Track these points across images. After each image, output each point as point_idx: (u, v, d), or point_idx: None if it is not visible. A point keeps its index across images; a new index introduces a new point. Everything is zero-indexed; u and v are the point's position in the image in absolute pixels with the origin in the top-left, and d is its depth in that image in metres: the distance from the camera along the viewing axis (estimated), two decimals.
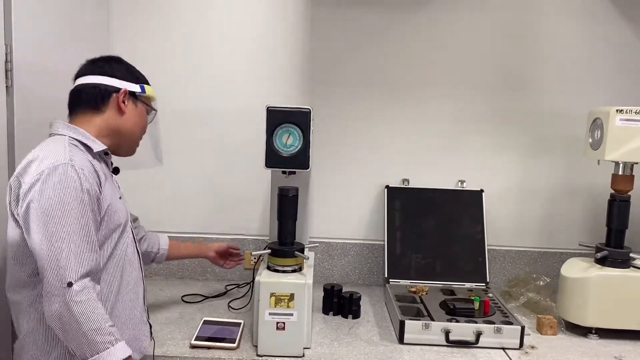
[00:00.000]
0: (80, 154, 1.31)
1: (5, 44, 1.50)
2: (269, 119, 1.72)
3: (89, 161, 1.31)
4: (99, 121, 1.40)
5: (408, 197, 2.24)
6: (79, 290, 1.19)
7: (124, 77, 1.44)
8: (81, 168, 1.26)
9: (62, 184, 1.22)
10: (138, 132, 1.49)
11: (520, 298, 2.07)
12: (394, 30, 2.23)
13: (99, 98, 1.40)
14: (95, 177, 1.30)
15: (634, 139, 1.78)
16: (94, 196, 1.27)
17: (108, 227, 1.34)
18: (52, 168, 1.23)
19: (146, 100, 1.50)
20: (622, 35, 2.22)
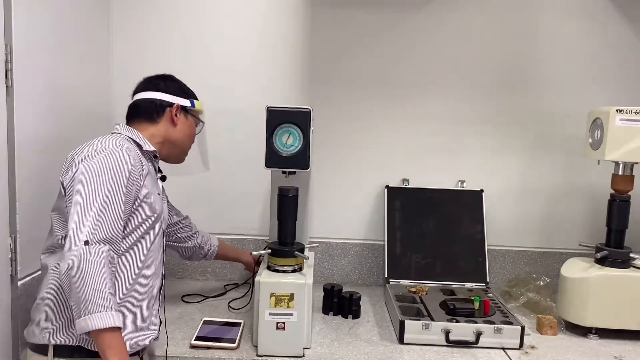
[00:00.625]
0: (131, 146, 1.46)
1: (5, 44, 1.50)
2: (269, 119, 1.72)
3: (137, 152, 1.46)
4: (154, 130, 1.58)
5: (408, 197, 2.24)
6: (93, 250, 1.26)
7: (176, 93, 1.62)
8: (127, 153, 1.40)
9: (107, 159, 1.36)
10: (187, 142, 1.67)
11: (520, 298, 2.07)
12: (394, 30, 2.23)
13: (154, 111, 1.58)
14: (139, 166, 1.43)
15: (634, 139, 1.78)
16: (133, 177, 1.39)
17: (142, 214, 1.43)
18: (103, 148, 1.39)
19: (195, 114, 1.67)
20: (622, 35, 2.22)
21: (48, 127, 1.72)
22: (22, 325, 1.59)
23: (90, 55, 2.04)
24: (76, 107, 1.92)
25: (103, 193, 1.32)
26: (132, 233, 1.41)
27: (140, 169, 1.44)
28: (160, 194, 1.55)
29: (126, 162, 1.39)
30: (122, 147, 1.41)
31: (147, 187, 1.45)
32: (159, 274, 1.53)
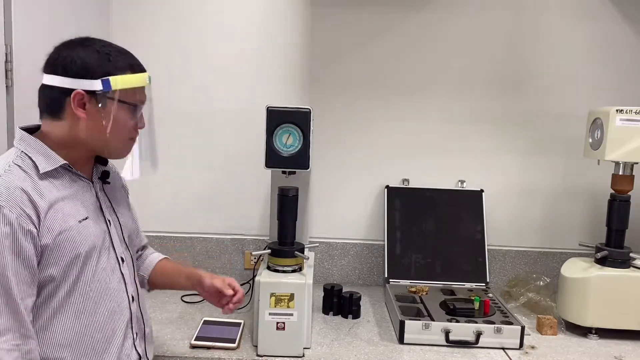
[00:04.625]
0: (15, 180, 1.11)
1: (5, 44, 1.50)
2: (269, 119, 1.72)
3: (19, 188, 1.10)
4: (59, 129, 1.20)
5: (408, 197, 2.24)
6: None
7: (79, 72, 1.16)
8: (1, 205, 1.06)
9: None
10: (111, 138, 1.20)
11: (520, 298, 2.07)
12: (394, 30, 2.23)
13: (53, 104, 1.18)
14: (26, 210, 1.09)
15: (634, 139, 1.78)
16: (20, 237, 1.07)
17: (60, 260, 1.13)
18: None
19: (120, 96, 1.19)
20: (622, 35, 2.22)
21: None
22: None
23: None
24: None
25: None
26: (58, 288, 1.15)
27: (28, 210, 1.09)
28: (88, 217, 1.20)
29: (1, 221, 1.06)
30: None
31: (57, 226, 1.13)
32: (122, 310, 1.27)
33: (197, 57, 2.22)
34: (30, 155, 1.16)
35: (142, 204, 2.28)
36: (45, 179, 1.15)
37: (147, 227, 2.31)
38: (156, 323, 1.84)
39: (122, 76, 1.19)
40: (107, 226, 1.27)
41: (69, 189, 1.20)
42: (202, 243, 2.29)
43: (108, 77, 1.17)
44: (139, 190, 2.28)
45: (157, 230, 2.28)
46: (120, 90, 1.18)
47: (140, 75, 1.23)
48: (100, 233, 1.23)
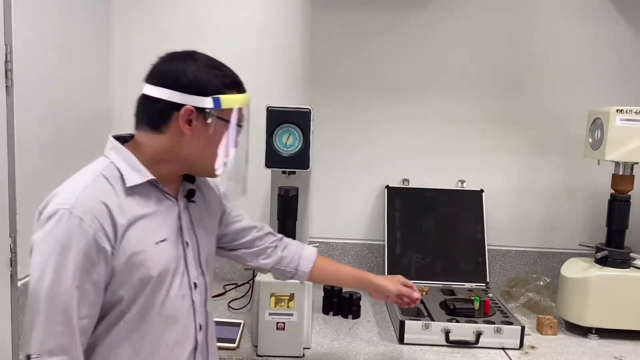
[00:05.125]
0: (99, 192, 1.07)
1: (5, 43, 1.50)
2: (269, 119, 1.72)
3: (102, 203, 1.05)
4: (158, 143, 1.14)
5: (408, 197, 2.24)
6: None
7: (190, 87, 1.13)
8: (81, 218, 1.02)
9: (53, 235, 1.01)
10: (210, 156, 1.16)
11: (520, 298, 2.07)
12: (394, 31, 2.23)
13: (157, 117, 1.14)
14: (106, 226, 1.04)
15: (634, 139, 1.78)
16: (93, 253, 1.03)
17: (130, 283, 1.08)
18: (53, 213, 1.04)
19: (225, 115, 1.15)
20: (622, 35, 2.22)
21: (48, 127, 1.72)
22: (22, 326, 1.59)
23: (90, 55, 2.04)
24: (76, 107, 1.92)
25: (46, 287, 0.99)
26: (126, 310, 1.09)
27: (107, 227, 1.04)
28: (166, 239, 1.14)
29: (78, 233, 1.01)
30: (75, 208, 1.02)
31: (131, 246, 1.07)
32: (187, 339, 1.19)
33: None
34: (118, 167, 1.12)
35: None
36: (130, 194, 1.10)
37: None
38: None
39: (231, 95, 1.16)
40: (184, 249, 1.19)
41: (152, 207, 1.13)
42: None
43: (219, 95, 1.14)
44: None
45: None
46: (227, 109, 1.15)
47: (246, 96, 1.20)
48: (175, 256, 1.16)
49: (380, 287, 1.48)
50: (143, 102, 1.18)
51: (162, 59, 1.22)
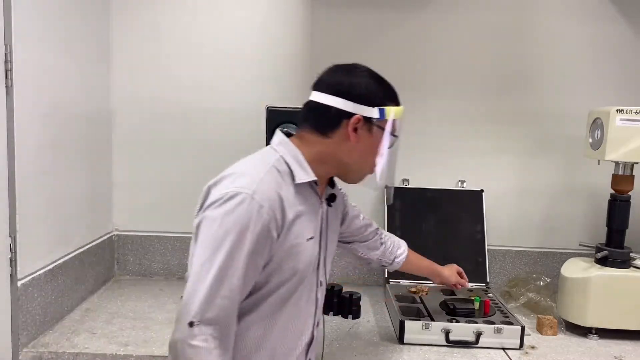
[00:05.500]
0: (273, 183, 1.15)
1: (5, 44, 1.50)
2: (269, 119, 1.72)
3: (277, 195, 1.14)
4: (321, 146, 1.23)
5: (408, 197, 2.24)
6: (198, 334, 1.07)
7: (360, 98, 1.22)
8: (261, 205, 1.10)
9: (233, 216, 1.09)
10: (366, 163, 1.26)
11: (521, 298, 2.07)
12: (394, 31, 2.23)
13: (327, 122, 1.22)
14: (277, 217, 1.13)
15: (634, 139, 1.78)
16: (266, 239, 1.12)
17: (281, 275, 1.17)
18: (233, 194, 1.11)
19: (384, 125, 1.24)
20: (622, 35, 2.22)
21: (48, 126, 1.73)
22: (22, 326, 1.59)
23: (90, 55, 2.04)
24: (76, 107, 1.92)
25: (220, 261, 1.08)
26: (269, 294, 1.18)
27: (278, 218, 1.13)
28: (313, 237, 1.23)
29: (257, 218, 1.09)
30: (256, 194, 1.11)
31: (291, 239, 1.17)
32: (305, 331, 1.28)
33: (196, 57, 2.22)
34: (288, 162, 1.21)
35: (142, 204, 2.30)
36: (295, 190, 1.19)
37: (148, 227, 2.32)
38: (156, 323, 1.84)
39: (393, 107, 1.26)
40: (320, 248, 1.29)
41: (307, 205, 1.22)
42: None
43: (383, 107, 1.24)
44: (139, 190, 2.29)
45: (158, 230, 2.29)
46: (385, 120, 1.24)
47: (402, 108, 1.30)
48: (315, 254, 1.26)
49: (445, 279, 1.78)
50: (314, 107, 1.25)
51: (330, 70, 1.30)
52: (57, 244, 1.82)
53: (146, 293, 2.12)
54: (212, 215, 1.12)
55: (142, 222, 2.29)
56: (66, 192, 1.86)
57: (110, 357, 1.60)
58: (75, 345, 1.64)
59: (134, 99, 2.23)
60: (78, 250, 1.96)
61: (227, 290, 1.08)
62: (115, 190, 2.27)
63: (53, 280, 1.77)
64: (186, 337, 1.08)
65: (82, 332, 1.74)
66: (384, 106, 1.24)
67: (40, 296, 1.69)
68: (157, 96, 2.23)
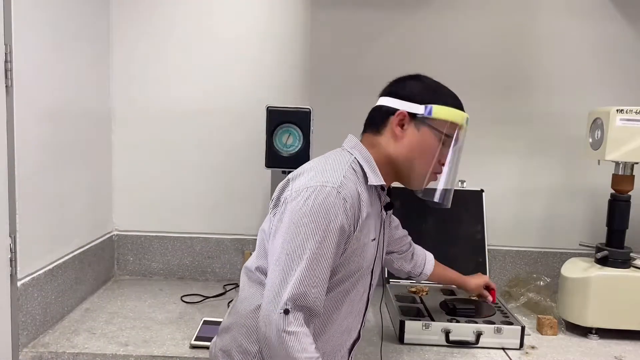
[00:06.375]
0: (353, 181, 1.21)
1: (5, 43, 1.50)
2: (269, 119, 1.72)
3: (357, 192, 1.20)
4: (375, 143, 1.29)
5: (408, 197, 2.23)
6: (293, 321, 1.11)
7: (406, 95, 1.28)
8: (345, 199, 1.16)
9: (322, 207, 1.14)
10: (418, 162, 1.27)
11: (521, 298, 2.07)
12: (394, 31, 2.22)
13: (379, 119, 1.29)
14: (356, 213, 1.19)
15: (634, 139, 1.78)
16: (345, 233, 1.17)
17: (347, 269, 1.22)
18: (320, 187, 1.16)
19: (437, 125, 1.26)
20: (622, 35, 2.22)
21: (48, 126, 1.73)
22: (22, 326, 1.59)
23: (90, 55, 2.04)
24: (76, 107, 1.92)
25: (310, 250, 1.12)
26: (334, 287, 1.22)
27: (356, 214, 1.19)
28: (375, 239, 1.29)
29: (341, 212, 1.15)
30: (341, 188, 1.16)
31: (361, 238, 1.22)
32: (354, 329, 1.34)
33: (196, 57, 2.22)
34: (361, 164, 1.26)
35: (142, 204, 2.29)
36: (367, 191, 1.24)
37: (147, 227, 2.32)
38: (156, 323, 1.84)
39: (444, 107, 1.27)
40: (376, 252, 1.33)
41: (373, 208, 1.27)
42: (202, 243, 2.29)
43: (431, 105, 1.26)
44: (139, 190, 2.29)
45: (157, 230, 2.29)
46: (439, 120, 1.26)
47: (462, 114, 1.31)
48: (375, 257, 1.31)
49: (469, 290, 1.82)
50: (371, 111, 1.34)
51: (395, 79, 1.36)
52: (57, 244, 1.82)
53: (146, 293, 2.12)
54: (300, 207, 1.15)
55: (142, 222, 2.29)
56: (66, 192, 1.86)
57: (110, 357, 1.60)
58: (75, 345, 1.64)
59: (134, 99, 2.23)
60: (78, 250, 1.96)
61: (317, 278, 1.12)
62: (115, 190, 2.27)
63: (53, 280, 1.77)
64: (283, 325, 1.10)
65: (82, 332, 1.74)
66: (434, 105, 1.26)
67: (40, 296, 1.69)
68: (157, 96, 2.23)
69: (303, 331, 1.12)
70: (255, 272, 1.29)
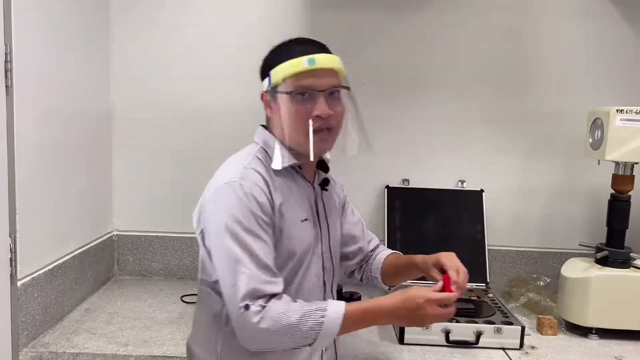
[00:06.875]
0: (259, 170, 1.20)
1: (5, 43, 1.50)
2: None
3: (264, 179, 1.18)
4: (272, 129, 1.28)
5: (408, 197, 2.24)
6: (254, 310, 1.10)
7: (261, 76, 1.28)
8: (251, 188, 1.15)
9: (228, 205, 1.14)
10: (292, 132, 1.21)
11: (521, 298, 2.07)
12: (393, 31, 2.22)
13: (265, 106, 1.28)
14: (267, 199, 1.17)
15: (634, 139, 1.78)
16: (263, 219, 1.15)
17: (278, 254, 1.19)
18: (224, 185, 1.17)
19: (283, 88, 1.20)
20: (622, 35, 2.22)
21: (48, 126, 1.73)
22: (22, 326, 1.59)
23: (90, 55, 2.04)
24: (76, 107, 1.92)
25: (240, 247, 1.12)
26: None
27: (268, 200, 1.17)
28: (307, 219, 1.25)
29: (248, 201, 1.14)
30: (243, 179, 1.16)
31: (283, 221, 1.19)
32: None
33: (196, 57, 2.22)
34: (267, 150, 1.25)
35: (142, 204, 2.29)
36: (278, 175, 1.22)
37: (148, 227, 2.32)
38: (156, 323, 1.84)
39: (279, 67, 1.20)
40: (321, 232, 1.30)
41: (296, 188, 1.25)
42: None
43: (270, 73, 1.22)
44: (139, 190, 2.29)
45: (157, 230, 2.29)
46: (285, 81, 1.19)
47: (295, 61, 1.18)
48: (314, 237, 1.27)
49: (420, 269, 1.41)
50: None
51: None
52: (57, 244, 1.82)
53: (146, 293, 2.12)
54: (213, 209, 1.17)
55: (142, 222, 2.29)
56: (66, 192, 1.86)
57: (110, 357, 1.60)
58: (75, 345, 1.64)
59: (134, 99, 2.23)
60: (78, 250, 1.96)
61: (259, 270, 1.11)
62: (115, 190, 2.27)
63: (53, 280, 1.77)
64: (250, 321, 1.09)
65: (82, 332, 1.74)
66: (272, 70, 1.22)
67: (40, 296, 1.69)
68: (157, 96, 2.23)
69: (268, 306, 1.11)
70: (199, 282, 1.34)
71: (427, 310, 1.16)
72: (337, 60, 1.27)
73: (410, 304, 1.16)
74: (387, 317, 1.18)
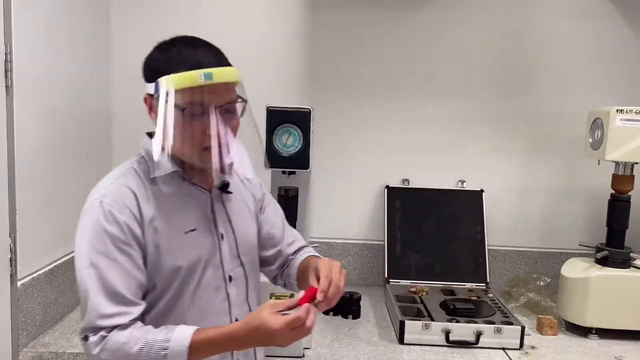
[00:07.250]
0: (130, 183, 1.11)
1: (5, 43, 1.50)
2: (269, 119, 1.72)
3: (131, 193, 1.09)
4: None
5: (408, 197, 2.24)
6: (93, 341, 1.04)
7: (144, 76, 1.16)
8: (110, 206, 1.06)
9: (87, 226, 1.08)
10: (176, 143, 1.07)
11: (521, 298, 2.07)
12: (394, 31, 2.23)
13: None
14: (135, 213, 1.07)
15: (634, 139, 1.78)
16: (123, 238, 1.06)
17: (160, 271, 1.09)
18: (88, 205, 1.10)
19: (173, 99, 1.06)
20: (622, 35, 2.22)
21: (48, 126, 1.72)
22: (22, 326, 1.59)
23: (90, 55, 2.04)
24: (76, 107, 1.92)
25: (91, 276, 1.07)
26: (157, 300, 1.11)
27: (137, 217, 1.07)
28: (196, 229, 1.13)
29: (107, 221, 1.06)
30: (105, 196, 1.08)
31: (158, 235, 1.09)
32: None
33: None
34: (147, 159, 1.15)
35: None
36: (155, 184, 1.11)
37: None
38: None
39: (172, 76, 1.06)
40: (219, 240, 1.17)
41: (180, 197, 1.13)
42: None
43: (159, 78, 1.08)
44: None
45: None
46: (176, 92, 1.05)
47: (190, 75, 1.05)
48: (208, 247, 1.15)
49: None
50: None
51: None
52: (57, 244, 1.82)
53: None
54: (77, 232, 1.11)
55: None
56: (66, 192, 1.86)
57: None
58: (75, 345, 1.64)
59: (134, 99, 2.22)
60: None
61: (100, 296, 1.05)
62: None
63: (53, 280, 1.77)
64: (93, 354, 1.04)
65: None
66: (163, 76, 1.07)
67: (40, 296, 1.69)
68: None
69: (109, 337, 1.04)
70: None
71: (277, 337, 1.05)
72: (236, 72, 1.16)
73: (259, 333, 1.05)
74: (240, 344, 1.09)
